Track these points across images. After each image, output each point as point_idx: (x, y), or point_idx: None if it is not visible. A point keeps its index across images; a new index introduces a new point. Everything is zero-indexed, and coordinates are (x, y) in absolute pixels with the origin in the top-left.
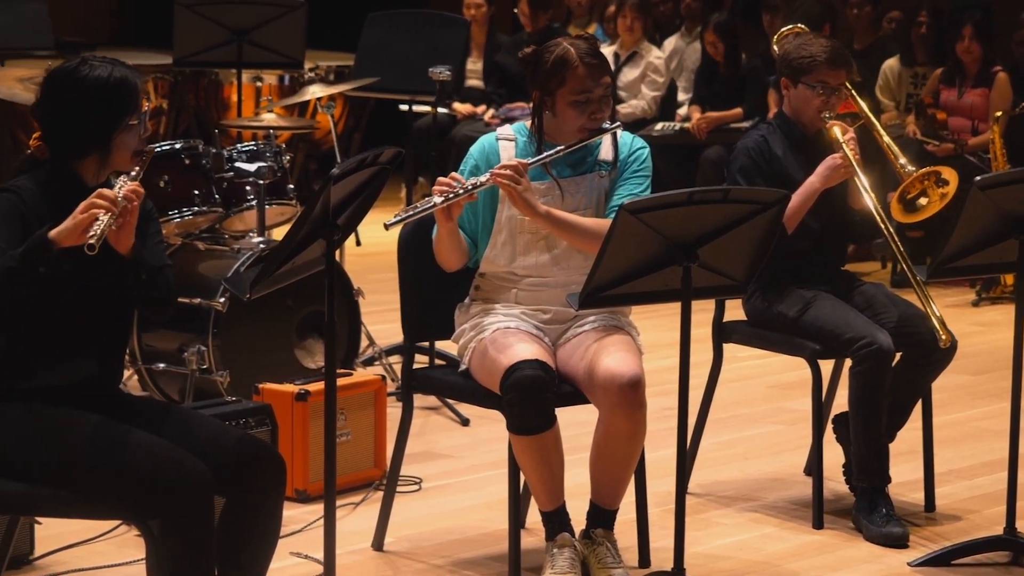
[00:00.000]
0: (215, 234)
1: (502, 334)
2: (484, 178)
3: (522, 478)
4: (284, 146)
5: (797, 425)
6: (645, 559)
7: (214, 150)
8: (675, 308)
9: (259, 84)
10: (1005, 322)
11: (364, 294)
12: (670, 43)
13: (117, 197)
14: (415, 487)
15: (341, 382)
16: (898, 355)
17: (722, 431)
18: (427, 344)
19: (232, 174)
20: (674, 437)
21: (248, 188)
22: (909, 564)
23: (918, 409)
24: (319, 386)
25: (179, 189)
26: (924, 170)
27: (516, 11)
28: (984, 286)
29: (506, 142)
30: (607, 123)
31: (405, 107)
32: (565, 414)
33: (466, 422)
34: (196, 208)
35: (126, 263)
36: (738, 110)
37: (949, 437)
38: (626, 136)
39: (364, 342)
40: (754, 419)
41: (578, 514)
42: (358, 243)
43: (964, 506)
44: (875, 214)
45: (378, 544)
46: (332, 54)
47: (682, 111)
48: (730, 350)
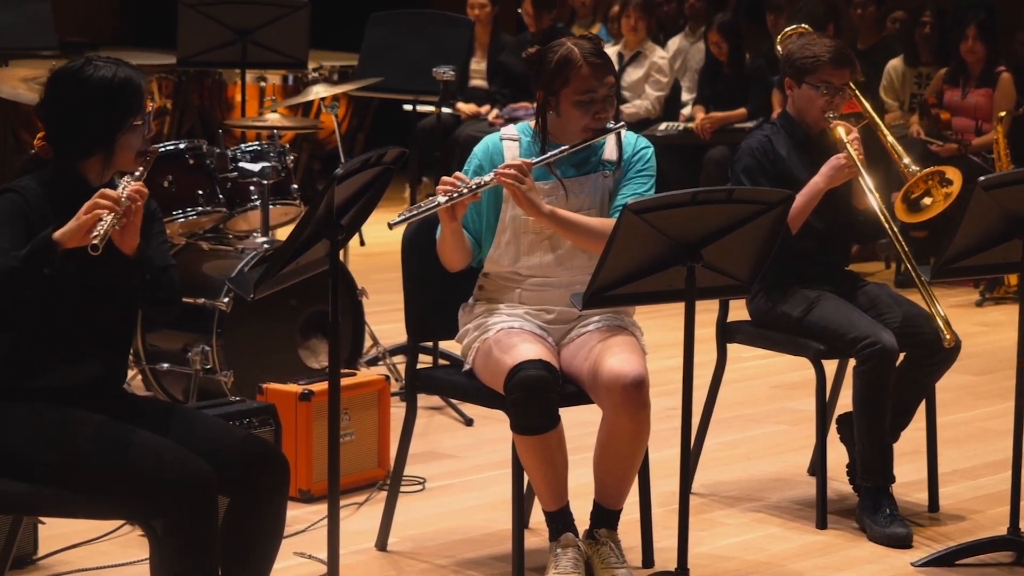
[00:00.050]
0: (219, 234)
1: (506, 334)
2: (488, 178)
3: (526, 478)
4: (288, 146)
5: (801, 425)
6: (649, 559)
7: (218, 150)
8: (679, 308)
9: (263, 84)
10: (1009, 322)
11: (368, 294)
12: (674, 43)
13: (120, 197)
14: (419, 487)
15: (345, 382)
16: (902, 355)
17: (726, 431)
18: (431, 344)
19: (236, 174)
20: (678, 437)
21: (252, 188)
22: (913, 564)
23: (922, 409)
24: (323, 386)
25: (183, 189)
26: (928, 170)
27: (520, 11)
28: (988, 286)
29: (510, 142)
30: (611, 123)
31: (409, 107)
32: (569, 414)
33: (470, 422)
34: (200, 208)
35: (131, 263)
36: (742, 110)
37: (953, 437)
38: (630, 136)
39: (368, 342)
40: (758, 419)
41: (582, 514)
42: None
43: (968, 506)
44: (879, 214)
45: (382, 544)
46: (336, 54)
47: (686, 111)
48: (734, 350)
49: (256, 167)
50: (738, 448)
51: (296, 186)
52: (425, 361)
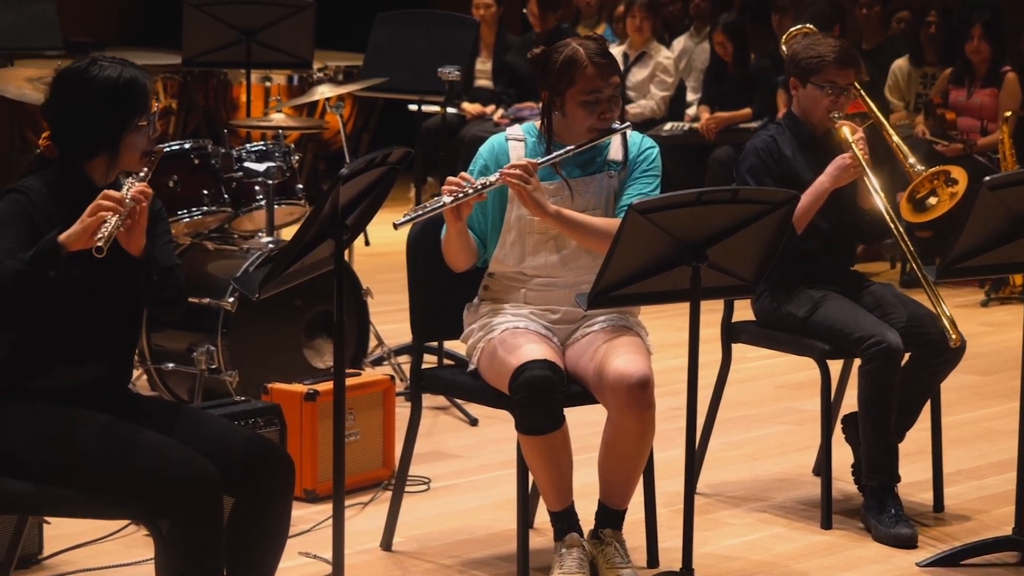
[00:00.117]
0: (224, 234)
1: (511, 334)
2: (494, 178)
3: (531, 478)
4: (293, 146)
5: (806, 425)
6: (654, 559)
7: (223, 150)
8: (684, 308)
9: (268, 84)
10: (1014, 322)
11: (373, 294)
12: (679, 43)
13: (124, 198)
14: (424, 487)
15: (350, 382)
16: (907, 355)
17: (731, 431)
18: (436, 344)
19: (241, 174)
20: (683, 437)
21: (257, 188)
22: (918, 564)
23: (927, 409)
24: (328, 386)
25: (188, 189)
26: (933, 169)
27: (525, 11)
28: (993, 286)
29: (516, 142)
30: (616, 123)
31: (414, 107)
32: (574, 414)
33: (475, 422)
34: (205, 208)
35: (137, 264)
36: (747, 110)
37: (958, 437)
38: (635, 136)
39: (373, 342)
40: (763, 419)
41: (587, 514)
42: (367, 243)
43: (973, 506)
44: (885, 214)
45: (387, 544)
46: (341, 54)
47: (691, 111)
48: (739, 350)
49: (261, 167)
50: (743, 448)
51: (301, 186)
52: (430, 361)
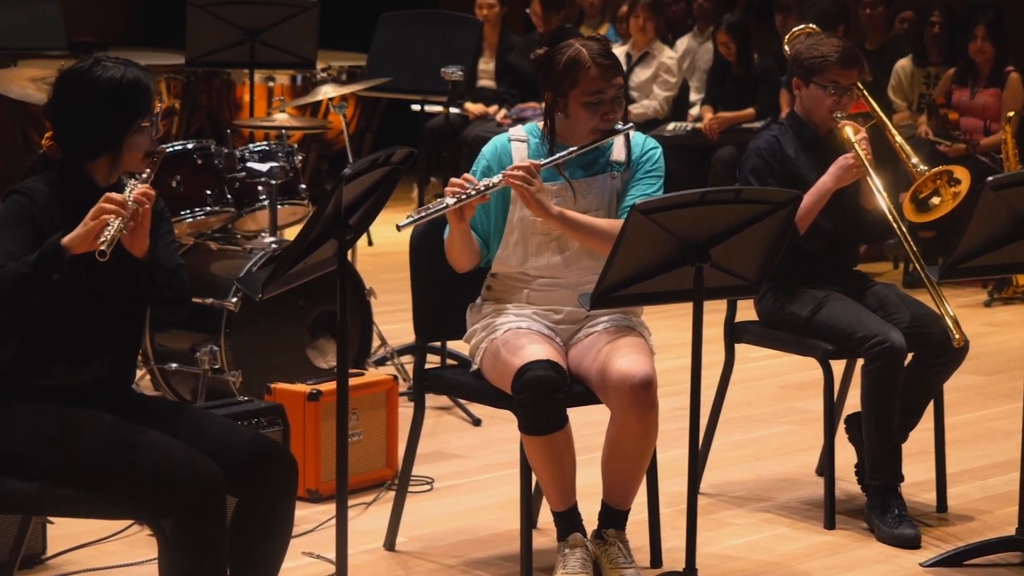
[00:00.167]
0: (227, 234)
1: (514, 335)
2: (497, 179)
3: (534, 478)
4: (296, 146)
5: (809, 425)
6: (657, 559)
7: (226, 150)
8: (687, 308)
9: (271, 84)
10: (1017, 323)
11: (376, 294)
12: (682, 43)
13: (127, 201)
14: (427, 487)
15: (353, 382)
16: (910, 355)
17: (734, 431)
18: (439, 344)
19: (244, 174)
20: (686, 437)
21: (260, 188)
22: (921, 564)
23: (930, 410)
24: (331, 386)
25: (191, 189)
26: (936, 169)
27: (528, 11)
28: (996, 286)
29: (518, 143)
30: (619, 124)
31: (417, 107)
32: (577, 414)
33: (478, 422)
34: (208, 208)
35: (141, 266)
36: (750, 110)
37: (961, 438)
38: (638, 137)
39: (376, 342)
40: (766, 419)
41: (590, 514)
42: (370, 243)
43: (976, 507)
44: (887, 214)
45: (390, 544)
46: (344, 54)
47: (694, 111)
48: (742, 350)
49: (264, 167)
50: (746, 448)
51: (304, 186)
52: (433, 361)
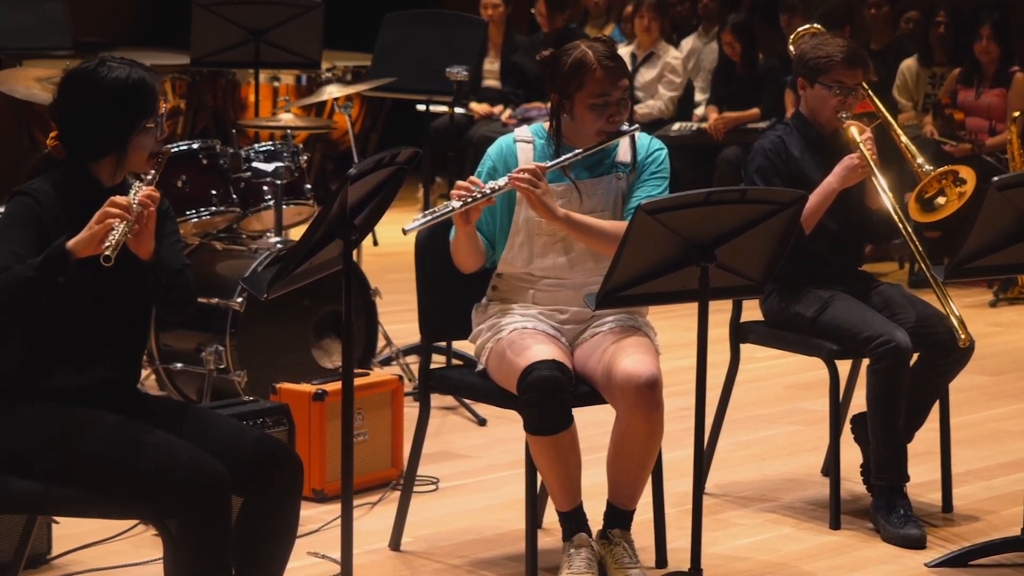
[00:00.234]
0: (232, 234)
1: (519, 335)
2: (502, 182)
3: (539, 478)
4: (301, 146)
5: (814, 426)
6: (662, 559)
7: (231, 150)
8: (692, 308)
9: (276, 84)
10: (1023, 323)
11: (381, 294)
12: (687, 43)
13: (132, 204)
14: (432, 487)
15: (358, 382)
16: (916, 355)
17: (739, 431)
18: (444, 344)
19: (249, 174)
20: (691, 437)
21: (265, 188)
22: (926, 565)
23: (935, 410)
24: (336, 386)
25: (197, 189)
26: (942, 169)
27: (533, 11)
28: (1002, 287)
29: (524, 144)
30: (625, 125)
31: (422, 107)
32: (582, 414)
33: (483, 422)
34: (214, 208)
35: (146, 268)
36: (755, 110)
37: (966, 438)
38: (644, 138)
39: (381, 342)
40: (771, 419)
41: (595, 514)
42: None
43: (981, 507)
44: (893, 214)
45: (395, 544)
46: (349, 54)
47: (699, 111)
48: (747, 350)
49: (269, 167)
50: (751, 448)
51: (309, 186)
52: (439, 361)
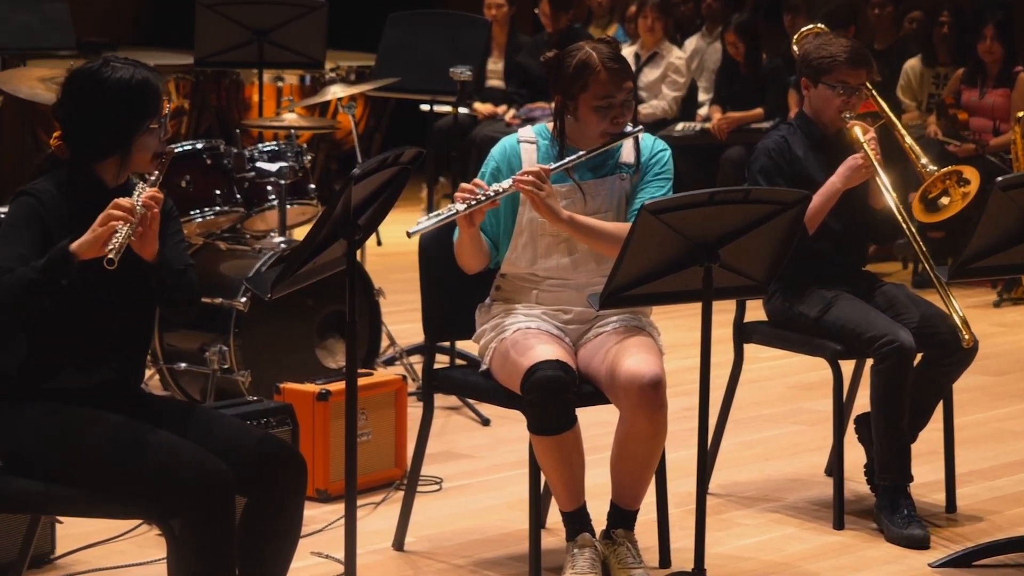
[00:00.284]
0: (236, 234)
1: (523, 335)
2: (506, 184)
3: (543, 478)
4: (305, 146)
5: (818, 426)
6: (666, 559)
7: (235, 150)
8: (696, 308)
9: (280, 84)
10: None
11: (385, 294)
12: (691, 43)
13: (135, 206)
14: (436, 487)
15: (362, 382)
16: (919, 355)
17: (743, 432)
18: (448, 344)
19: (253, 174)
20: (695, 437)
21: (269, 188)
22: (930, 565)
23: (939, 410)
24: (340, 386)
25: (201, 189)
26: (946, 169)
27: (537, 11)
28: (1005, 287)
29: (527, 144)
30: (629, 127)
31: (426, 107)
32: (586, 414)
33: (487, 422)
34: (218, 208)
35: (150, 269)
36: (759, 110)
37: (970, 438)
38: (647, 138)
39: (385, 342)
40: (775, 420)
41: (599, 514)
42: (379, 243)
43: (985, 507)
44: (897, 214)
45: (399, 544)
46: (353, 54)
47: (703, 111)
48: (751, 350)
49: (273, 167)
50: (755, 448)
51: (313, 186)
52: (442, 361)
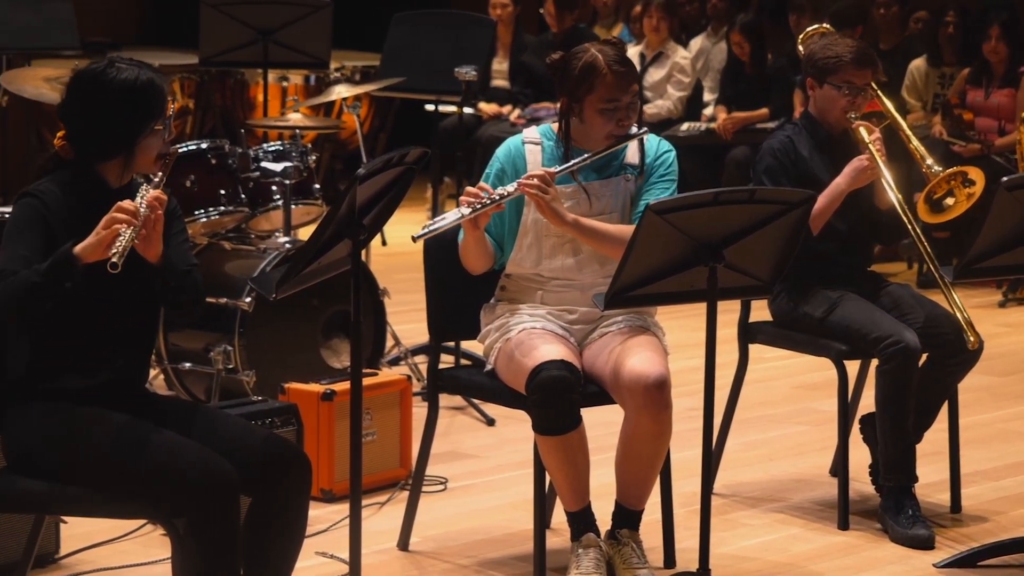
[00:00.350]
0: (241, 234)
1: (528, 335)
2: (511, 188)
3: (547, 478)
4: (310, 146)
5: (823, 426)
6: (670, 559)
7: (240, 150)
8: (701, 308)
9: (285, 84)
10: None
11: (390, 294)
12: (696, 43)
13: (139, 209)
14: (440, 487)
15: (367, 382)
16: (924, 356)
17: (747, 432)
18: (453, 344)
19: (258, 174)
20: (699, 438)
21: (274, 188)
22: (935, 565)
23: (944, 410)
24: (345, 386)
25: (205, 189)
26: (951, 170)
27: (542, 11)
28: (1010, 287)
29: (532, 146)
30: (634, 128)
31: (431, 107)
32: (591, 414)
33: (491, 422)
34: (222, 208)
35: (154, 270)
36: (764, 110)
37: (975, 438)
38: (652, 139)
39: (390, 342)
40: (779, 420)
41: (604, 514)
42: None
43: (990, 507)
44: (902, 214)
45: (403, 544)
46: (358, 54)
47: (708, 111)
48: (755, 351)
49: (278, 167)
50: (760, 449)
51: (318, 186)
52: (447, 361)
